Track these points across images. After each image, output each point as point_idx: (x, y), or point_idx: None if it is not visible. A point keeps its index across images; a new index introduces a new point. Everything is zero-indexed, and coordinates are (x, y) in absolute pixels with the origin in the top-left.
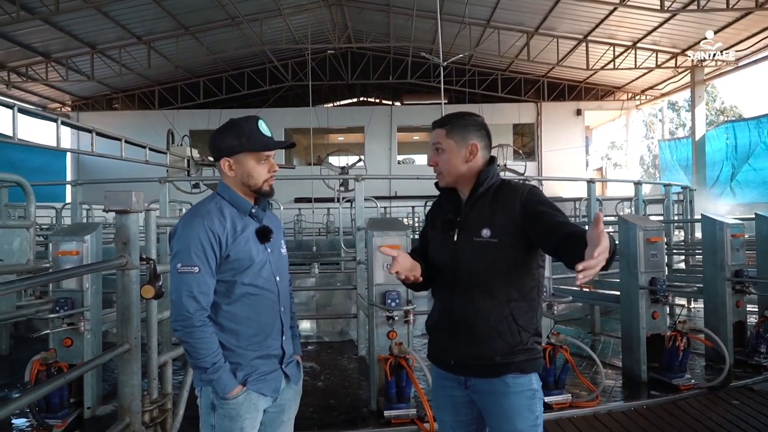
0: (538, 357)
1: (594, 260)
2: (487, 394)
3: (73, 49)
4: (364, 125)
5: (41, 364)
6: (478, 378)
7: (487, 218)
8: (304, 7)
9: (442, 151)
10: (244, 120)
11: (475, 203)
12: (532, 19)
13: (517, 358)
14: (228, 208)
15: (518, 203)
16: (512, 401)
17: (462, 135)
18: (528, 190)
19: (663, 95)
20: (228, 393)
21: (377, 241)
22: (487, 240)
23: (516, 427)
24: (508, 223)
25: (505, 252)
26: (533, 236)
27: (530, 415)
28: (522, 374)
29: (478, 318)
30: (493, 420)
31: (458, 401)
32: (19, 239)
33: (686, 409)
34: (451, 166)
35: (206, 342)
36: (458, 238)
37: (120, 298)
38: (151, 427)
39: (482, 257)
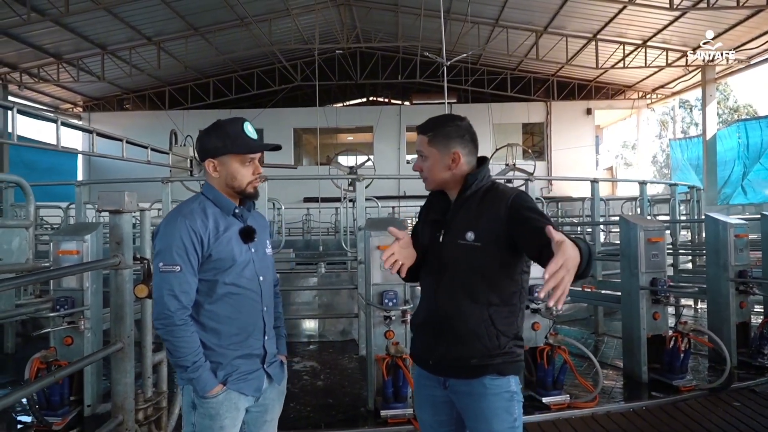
0: (517, 360)
1: (552, 280)
2: (465, 395)
3: (84, 50)
4: (372, 125)
5: (41, 362)
6: (456, 379)
7: (472, 221)
8: (312, 7)
9: (426, 158)
10: (229, 122)
11: (461, 205)
12: (541, 17)
13: (494, 361)
14: (211, 208)
15: (504, 207)
16: (489, 402)
17: (444, 143)
18: (515, 194)
19: (674, 94)
20: (207, 392)
21: (375, 240)
22: (470, 243)
23: (493, 428)
24: (493, 227)
25: (487, 256)
26: (518, 241)
27: (508, 417)
28: (500, 376)
29: (458, 320)
30: (471, 421)
31: (438, 401)
32: (18, 239)
33: (686, 410)
34: (434, 173)
35: (187, 341)
36: (444, 239)
37: (113, 297)
38: (145, 425)
39: (465, 260)
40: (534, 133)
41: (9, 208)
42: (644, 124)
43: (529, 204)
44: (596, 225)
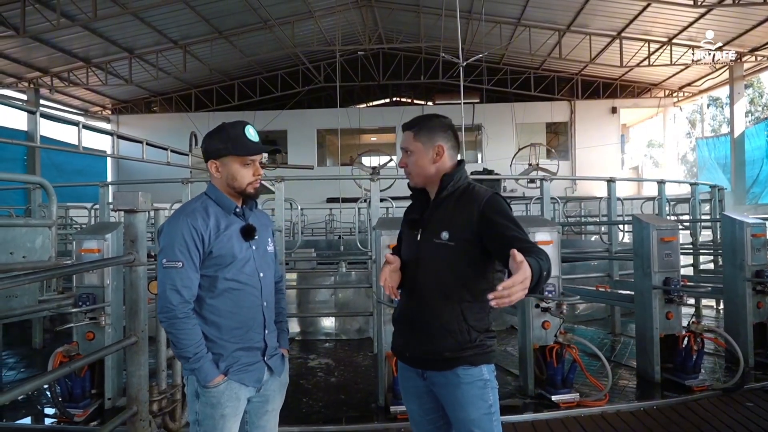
0: (489, 351)
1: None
2: (441, 385)
3: (112, 54)
4: (395, 125)
5: (64, 356)
6: (431, 371)
7: (447, 221)
8: (335, 9)
9: (411, 153)
10: (231, 125)
11: (438, 205)
12: (564, 16)
13: (466, 353)
14: (213, 207)
15: (477, 210)
16: (464, 391)
17: (428, 136)
18: (488, 198)
19: (701, 92)
20: (209, 382)
21: (385, 240)
22: (444, 242)
23: (469, 415)
24: (465, 228)
25: (460, 255)
26: (487, 245)
27: (483, 404)
28: (472, 366)
29: (431, 316)
30: (449, 409)
31: (421, 390)
32: (41, 237)
33: (696, 410)
34: (419, 168)
35: (189, 333)
36: (420, 237)
37: (128, 292)
38: (159, 416)
39: (439, 258)
40: (558, 132)
41: (37, 208)
42: (671, 122)
43: (501, 209)
44: (613, 224)
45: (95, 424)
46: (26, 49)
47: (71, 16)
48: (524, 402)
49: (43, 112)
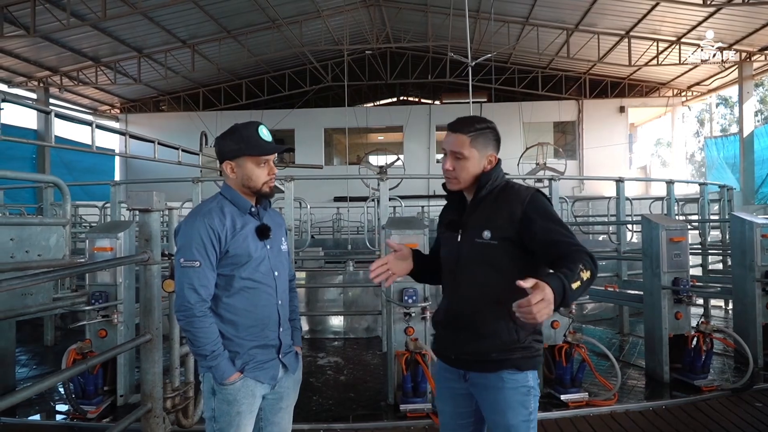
0: (536, 355)
1: (523, 309)
2: (483, 387)
3: (121, 53)
4: (402, 124)
5: (77, 353)
6: (475, 372)
7: (488, 220)
8: (343, 8)
9: (463, 158)
10: (244, 126)
11: (478, 205)
12: (572, 15)
13: (513, 355)
14: (229, 207)
15: (519, 209)
16: (506, 396)
17: (485, 145)
18: (530, 196)
19: (710, 91)
20: (225, 379)
21: (395, 239)
22: (487, 242)
23: (508, 420)
24: (508, 226)
25: (503, 254)
26: (529, 245)
27: (523, 411)
28: (518, 371)
29: (477, 316)
30: (488, 412)
31: (458, 393)
32: (55, 236)
33: (705, 410)
34: (468, 174)
35: (206, 331)
36: (461, 238)
37: (142, 291)
38: (172, 412)
39: (482, 258)
40: (566, 131)
41: (49, 207)
42: (679, 122)
43: (543, 208)
44: (622, 224)
45: (108, 421)
46: (36, 48)
47: (81, 15)
48: None
49: (57, 112)
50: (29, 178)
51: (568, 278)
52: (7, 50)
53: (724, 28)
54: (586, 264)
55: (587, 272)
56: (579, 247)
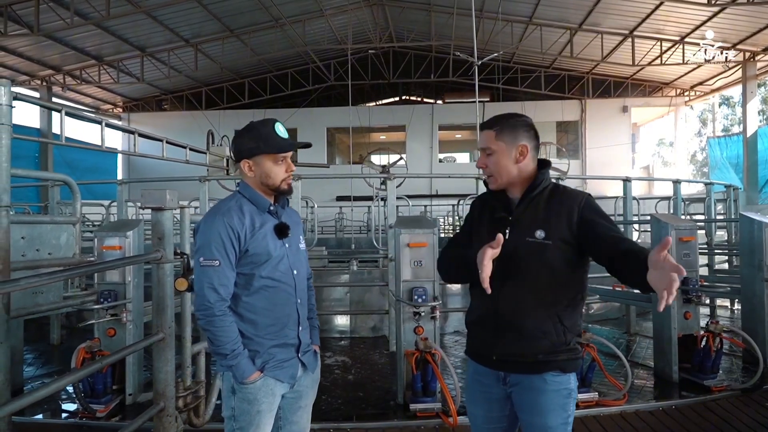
0: (579, 357)
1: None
2: (524, 388)
3: (124, 52)
4: (405, 124)
5: (86, 353)
6: (518, 374)
7: (541, 220)
8: (346, 7)
9: (491, 153)
10: (261, 123)
11: (529, 204)
12: (576, 15)
13: (559, 357)
14: (247, 206)
15: (576, 210)
16: (548, 398)
17: (512, 136)
18: (586, 198)
19: (713, 91)
20: (246, 378)
21: (405, 238)
22: (540, 241)
23: (548, 422)
24: (563, 228)
25: (556, 254)
26: (586, 245)
27: (563, 414)
28: (561, 373)
29: (525, 316)
30: (525, 414)
31: (493, 397)
32: (65, 234)
33: (715, 410)
34: (501, 168)
35: (226, 330)
36: (510, 236)
37: (155, 289)
38: (184, 411)
39: (534, 257)
40: (568, 131)
41: (55, 205)
42: (682, 121)
43: (598, 209)
44: (629, 224)
45: (117, 420)
46: (39, 47)
47: (84, 14)
48: None
49: (68, 110)
50: (39, 176)
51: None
52: (11, 49)
53: (728, 28)
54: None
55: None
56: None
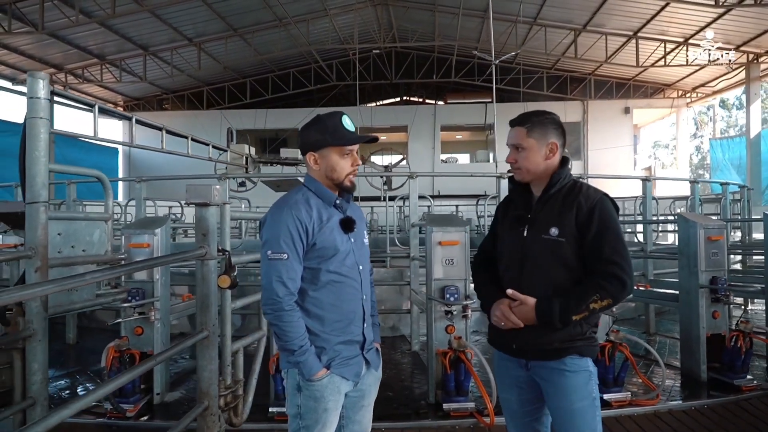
0: (595, 345)
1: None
2: (546, 373)
3: (127, 51)
4: (407, 124)
5: (115, 351)
6: (538, 360)
7: (556, 217)
8: (351, 7)
9: (522, 149)
10: (328, 116)
11: (546, 202)
12: (581, 16)
13: (575, 344)
14: (314, 199)
15: (584, 209)
16: (570, 380)
17: (542, 133)
18: (598, 200)
19: (715, 93)
20: (313, 375)
21: (436, 236)
22: (554, 238)
23: (573, 404)
24: (573, 225)
25: (570, 250)
26: (583, 245)
27: (587, 395)
28: (580, 356)
29: None
30: (552, 398)
31: (522, 380)
32: (98, 231)
33: (749, 409)
34: (531, 163)
35: (294, 326)
36: (527, 234)
37: (199, 287)
38: (226, 411)
39: (549, 254)
40: (570, 132)
41: (72, 203)
42: (683, 123)
43: (607, 215)
44: (649, 224)
45: (146, 419)
46: (41, 45)
47: (89, 12)
48: None
49: (102, 108)
50: (76, 173)
51: (566, 310)
52: (13, 47)
53: (732, 30)
54: (604, 294)
55: (603, 301)
56: (612, 270)
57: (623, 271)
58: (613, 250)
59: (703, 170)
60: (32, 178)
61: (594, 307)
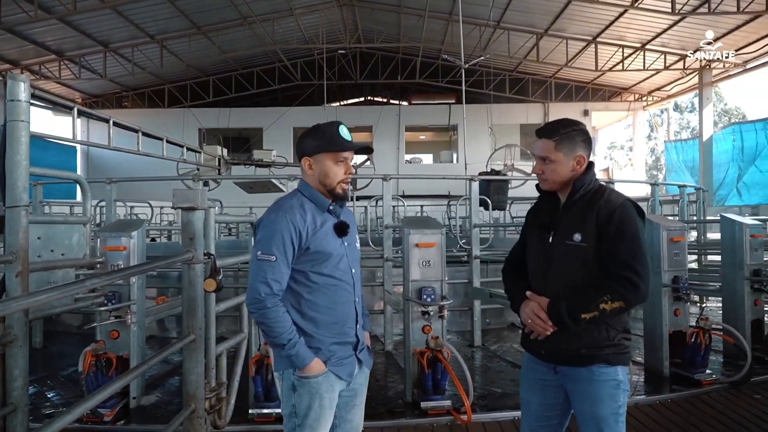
0: (626, 352)
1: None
2: (574, 379)
3: (87, 47)
4: (372, 125)
5: (92, 355)
6: (566, 366)
7: (578, 223)
8: (316, 7)
9: (549, 161)
10: (326, 125)
11: (570, 208)
12: (543, 20)
13: (603, 352)
14: (308, 204)
15: (605, 213)
16: (596, 388)
17: (570, 147)
18: (620, 204)
19: (669, 97)
20: (306, 365)
21: (414, 238)
22: (577, 244)
23: (598, 412)
24: (594, 230)
25: (593, 255)
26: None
27: (613, 404)
28: (608, 365)
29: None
30: (578, 403)
31: (548, 384)
32: (77, 234)
33: (710, 403)
34: (558, 176)
35: (280, 321)
36: (552, 240)
37: (186, 290)
38: (211, 414)
39: (573, 260)
40: (529, 134)
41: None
42: (640, 125)
43: (627, 221)
44: None
45: (122, 424)
46: None
47: (49, 8)
48: None
49: (81, 109)
50: (54, 175)
51: (575, 307)
52: None
53: (686, 36)
54: (616, 295)
55: (614, 303)
56: (626, 274)
57: (638, 275)
58: (629, 254)
59: (656, 171)
60: (13, 182)
61: (604, 308)
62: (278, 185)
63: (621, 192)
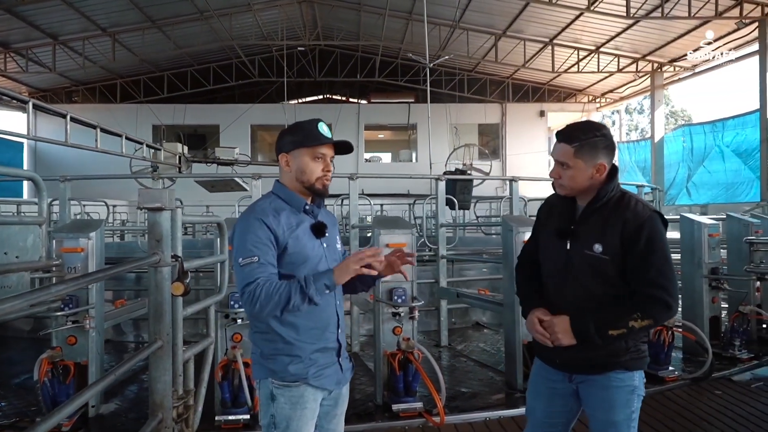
0: (643, 356)
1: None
2: (590, 385)
3: (35, 39)
4: (331, 123)
5: (49, 363)
6: (582, 374)
7: (600, 233)
8: (275, 3)
9: (567, 167)
10: (306, 122)
11: (590, 215)
12: (501, 21)
13: (621, 358)
14: (282, 205)
15: (632, 227)
16: (611, 394)
17: (591, 155)
18: (647, 218)
19: (622, 98)
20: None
21: (384, 238)
22: (598, 255)
23: (611, 417)
24: (617, 242)
25: (614, 267)
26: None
27: (626, 409)
28: (626, 371)
29: None
30: (591, 408)
31: (557, 392)
32: (32, 236)
33: (674, 398)
34: (575, 183)
35: (277, 285)
36: (571, 247)
37: (152, 294)
38: (179, 422)
39: (592, 270)
40: (487, 133)
41: None
42: None
43: (655, 235)
44: None
45: None
46: None
47: None
48: (515, 396)
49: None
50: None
51: (604, 325)
52: None
53: (639, 40)
54: (647, 313)
55: (644, 321)
56: (658, 294)
57: (668, 294)
58: (659, 273)
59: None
60: None
61: (633, 326)
62: (241, 184)
63: (646, 201)
